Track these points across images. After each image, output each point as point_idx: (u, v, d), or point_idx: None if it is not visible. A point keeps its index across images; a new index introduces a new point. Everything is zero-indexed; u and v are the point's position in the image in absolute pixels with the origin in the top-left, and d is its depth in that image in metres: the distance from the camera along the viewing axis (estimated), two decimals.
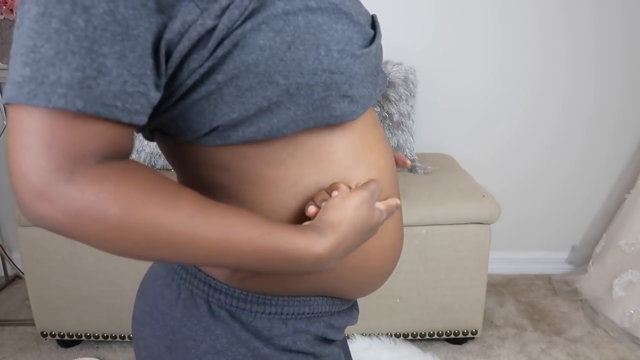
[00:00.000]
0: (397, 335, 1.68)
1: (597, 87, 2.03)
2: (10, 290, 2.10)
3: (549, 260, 2.24)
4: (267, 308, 0.54)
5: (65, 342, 1.72)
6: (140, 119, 0.41)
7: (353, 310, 0.64)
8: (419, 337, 1.69)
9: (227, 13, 0.41)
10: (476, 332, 1.69)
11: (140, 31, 0.38)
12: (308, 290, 0.55)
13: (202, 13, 0.41)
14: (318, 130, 0.49)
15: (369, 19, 0.53)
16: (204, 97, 0.44)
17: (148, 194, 0.39)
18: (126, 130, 0.41)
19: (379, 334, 1.66)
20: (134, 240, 0.38)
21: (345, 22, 0.46)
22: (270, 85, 0.43)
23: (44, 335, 1.67)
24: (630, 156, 2.12)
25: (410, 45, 1.98)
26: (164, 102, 0.45)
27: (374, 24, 0.53)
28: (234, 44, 0.42)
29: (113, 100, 0.38)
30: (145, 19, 0.38)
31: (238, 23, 0.41)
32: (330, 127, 0.49)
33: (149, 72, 0.40)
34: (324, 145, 0.50)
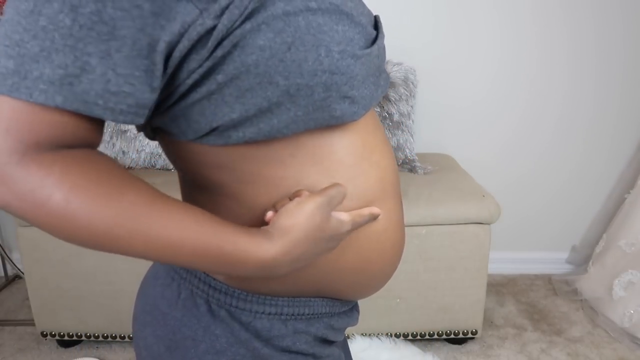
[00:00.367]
0: (397, 335, 1.68)
1: (597, 87, 2.03)
2: (10, 290, 2.10)
3: (549, 260, 2.24)
4: (267, 308, 0.54)
5: (65, 342, 1.72)
6: (128, 119, 0.41)
7: (353, 311, 0.64)
8: (419, 337, 1.69)
9: (227, 13, 0.41)
10: (476, 332, 1.69)
11: (129, 32, 0.38)
12: (308, 291, 0.55)
13: (202, 13, 0.40)
14: (319, 130, 0.49)
15: (372, 19, 0.53)
16: (204, 97, 0.44)
17: (93, 184, 0.39)
18: (93, 124, 0.42)
19: (379, 334, 1.66)
20: (75, 228, 0.39)
21: (346, 23, 0.46)
22: (271, 86, 0.43)
23: (44, 335, 1.67)
24: (630, 156, 2.12)
25: (410, 45, 1.97)
26: (165, 102, 0.45)
27: (376, 25, 0.53)
28: (234, 45, 0.42)
29: (95, 98, 0.38)
30: (138, 20, 0.38)
31: (238, 23, 0.41)
32: (331, 128, 0.49)
33: (137, 73, 0.40)
34: (325, 145, 0.49)
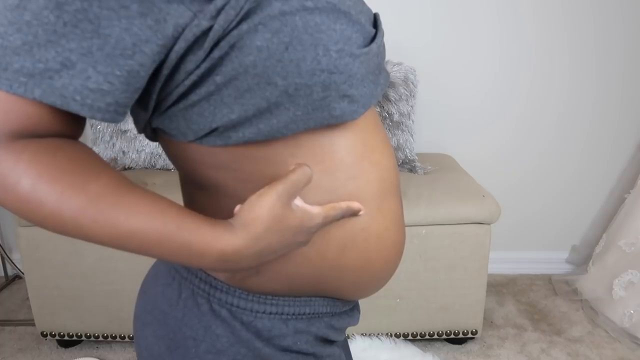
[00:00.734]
0: (397, 335, 1.68)
1: (597, 87, 2.03)
2: (10, 290, 2.10)
3: (549, 260, 2.24)
4: (268, 308, 0.54)
5: (65, 342, 1.72)
6: (107, 117, 0.41)
7: (354, 311, 0.64)
8: (419, 337, 1.69)
9: (223, 14, 0.41)
10: (476, 332, 1.69)
11: (114, 31, 0.38)
12: (309, 290, 0.55)
13: (196, 15, 0.41)
14: (319, 130, 0.48)
15: (371, 17, 0.52)
16: (203, 98, 0.44)
17: (60, 172, 0.40)
18: (71, 119, 0.42)
19: (379, 334, 1.66)
20: (42, 214, 0.40)
21: (344, 22, 0.46)
22: (269, 86, 0.43)
23: (44, 335, 1.67)
24: (630, 156, 2.12)
25: (411, 45, 1.98)
26: (164, 103, 0.46)
27: (376, 23, 0.53)
28: (231, 45, 0.42)
29: (73, 93, 0.39)
30: (124, 20, 0.39)
31: (234, 24, 0.41)
32: (331, 127, 0.49)
33: (118, 72, 0.40)
34: (326, 145, 0.49)
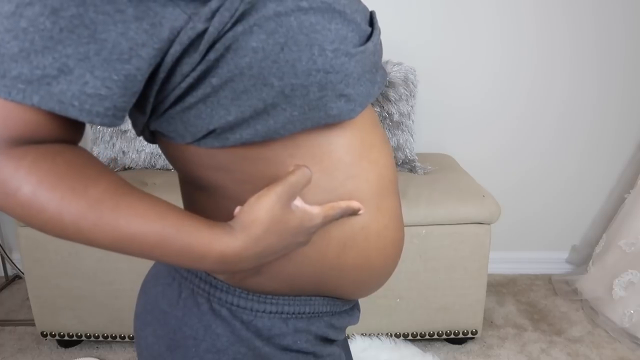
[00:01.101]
0: (397, 335, 1.68)
1: (598, 87, 2.03)
2: (10, 290, 2.10)
3: (549, 260, 2.24)
4: (268, 307, 0.54)
5: (65, 342, 1.72)
6: (105, 121, 0.41)
7: (354, 310, 0.64)
8: (419, 337, 1.69)
9: (217, 16, 0.41)
10: (476, 332, 1.69)
11: (110, 35, 0.39)
12: (309, 289, 0.55)
13: (191, 18, 0.41)
14: (317, 130, 0.49)
15: (367, 15, 0.52)
16: (200, 101, 0.44)
17: (60, 178, 0.40)
18: (70, 124, 0.42)
19: (379, 334, 1.66)
20: (43, 218, 0.40)
21: (339, 21, 0.46)
22: (265, 87, 0.43)
23: (44, 335, 1.67)
24: (630, 156, 2.12)
25: (411, 45, 1.98)
26: (161, 105, 0.46)
27: (372, 21, 0.53)
28: (227, 47, 0.42)
29: (71, 99, 0.39)
30: (120, 24, 0.39)
31: (229, 26, 0.41)
32: (329, 127, 0.49)
33: (115, 77, 0.40)
34: (324, 144, 0.49)
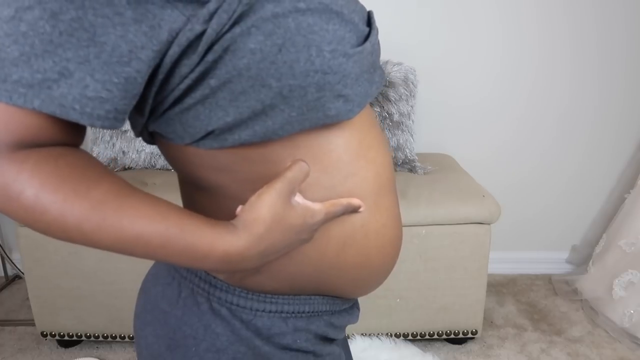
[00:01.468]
0: (397, 335, 1.68)
1: (598, 87, 2.03)
2: (10, 290, 2.10)
3: (549, 260, 2.24)
4: (268, 306, 0.54)
5: (65, 342, 1.72)
6: (107, 124, 0.42)
7: (354, 309, 0.64)
8: (419, 337, 1.69)
9: (216, 18, 0.41)
10: (476, 332, 1.69)
11: (109, 38, 0.39)
12: (309, 288, 0.56)
13: (189, 19, 0.41)
14: (316, 130, 0.49)
15: (365, 15, 0.52)
16: (198, 102, 0.45)
17: (62, 180, 0.40)
18: (71, 127, 0.43)
19: (379, 334, 1.66)
20: (46, 221, 0.40)
21: (337, 22, 0.46)
22: (264, 89, 0.44)
23: (44, 335, 1.67)
24: (630, 156, 2.12)
25: (410, 45, 1.98)
26: (160, 107, 0.46)
27: (369, 21, 0.53)
28: (225, 49, 0.42)
29: (72, 102, 0.39)
30: (119, 27, 0.39)
31: (227, 27, 0.41)
32: (327, 127, 0.49)
33: (115, 80, 0.40)
34: (323, 144, 0.50)
